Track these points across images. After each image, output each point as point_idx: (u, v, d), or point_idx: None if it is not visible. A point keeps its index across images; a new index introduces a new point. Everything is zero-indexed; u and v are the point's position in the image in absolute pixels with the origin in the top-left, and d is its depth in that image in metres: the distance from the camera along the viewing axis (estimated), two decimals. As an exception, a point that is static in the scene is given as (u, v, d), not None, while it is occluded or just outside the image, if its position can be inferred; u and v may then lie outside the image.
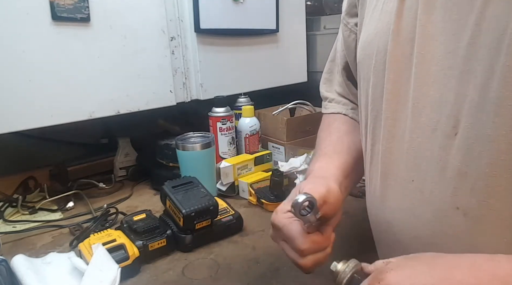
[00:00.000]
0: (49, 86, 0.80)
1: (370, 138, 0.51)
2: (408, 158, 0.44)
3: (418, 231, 0.44)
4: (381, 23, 0.47)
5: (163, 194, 0.73)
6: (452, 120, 0.39)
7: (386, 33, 0.45)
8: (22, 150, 1.02)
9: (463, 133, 0.38)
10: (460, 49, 0.38)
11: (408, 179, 0.44)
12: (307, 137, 1.12)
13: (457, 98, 0.38)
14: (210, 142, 0.88)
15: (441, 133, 0.40)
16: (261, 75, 1.18)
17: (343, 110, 0.66)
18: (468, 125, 0.37)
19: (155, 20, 0.93)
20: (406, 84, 0.43)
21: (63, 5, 0.77)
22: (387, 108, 0.46)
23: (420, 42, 0.42)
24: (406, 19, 0.43)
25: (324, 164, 0.57)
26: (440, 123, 0.40)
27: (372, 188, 0.52)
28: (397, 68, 0.44)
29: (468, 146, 0.38)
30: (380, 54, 0.46)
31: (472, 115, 0.37)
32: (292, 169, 0.94)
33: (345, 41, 0.61)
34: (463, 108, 0.38)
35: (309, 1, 1.36)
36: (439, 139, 0.40)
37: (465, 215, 0.39)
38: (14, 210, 0.88)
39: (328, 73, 0.71)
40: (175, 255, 0.69)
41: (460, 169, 0.39)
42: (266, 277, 0.61)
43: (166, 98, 0.98)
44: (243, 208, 0.86)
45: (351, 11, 0.59)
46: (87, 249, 0.62)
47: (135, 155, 1.09)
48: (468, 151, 0.38)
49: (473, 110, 0.37)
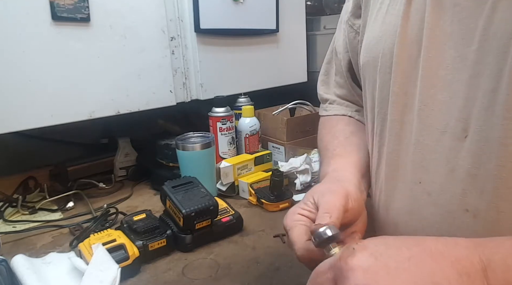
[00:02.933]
0: (49, 86, 0.80)
1: (377, 141, 0.51)
2: (415, 159, 0.44)
3: (425, 232, 0.43)
4: (386, 25, 0.47)
5: (163, 194, 0.73)
6: (462, 123, 0.39)
7: (392, 36, 0.45)
8: (22, 150, 1.02)
9: (473, 136, 0.38)
10: (469, 53, 0.38)
11: (415, 181, 0.44)
12: (307, 137, 1.12)
13: (466, 102, 0.38)
14: (210, 142, 0.88)
15: (450, 136, 0.40)
16: (261, 75, 1.18)
17: (348, 112, 0.65)
18: (478, 128, 0.38)
19: (155, 20, 0.93)
20: (412, 87, 0.43)
21: (63, 5, 0.77)
22: (394, 110, 0.46)
23: (427, 45, 0.41)
24: (413, 21, 0.43)
25: (339, 165, 0.55)
26: (449, 126, 0.40)
27: (378, 190, 0.52)
28: (403, 70, 0.44)
29: (478, 148, 0.38)
30: (386, 56, 0.46)
31: (481, 118, 0.37)
32: (292, 169, 0.94)
33: (350, 42, 0.60)
34: (472, 112, 0.38)
35: (309, 1, 1.36)
36: (448, 142, 0.40)
37: (475, 216, 0.39)
38: (14, 210, 0.88)
39: (325, 75, 0.70)
40: (175, 255, 0.69)
41: (469, 171, 0.39)
42: (266, 277, 0.61)
43: (166, 98, 0.98)
44: (243, 208, 0.86)
45: (357, 12, 0.58)
46: (87, 249, 0.62)
47: (135, 155, 1.09)
48: (478, 153, 0.38)
49: (483, 113, 0.37)
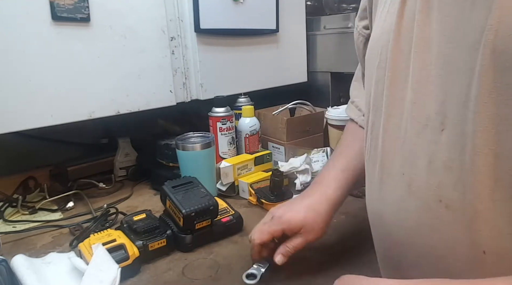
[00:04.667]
0: (49, 86, 0.80)
1: (370, 134, 0.54)
2: (402, 153, 0.47)
3: (404, 222, 0.46)
4: (386, 23, 0.49)
5: (163, 194, 0.73)
6: (440, 116, 0.41)
7: (389, 33, 0.48)
8: (22, 150, 1.02)
9: (450, 129, 0.40)
10: (448, 50, 0.40)
11: (400, 173, 0.47)
12: (307, 138, 1.12)
13: (445, 97, 0.41)
14: (210, 142, 0.88)
15: (431, 130, 0.42)
16: (261, 75, 1.18)
17: (356, 117, 0.71)
18: (454, 122, 0.40)
19: (155, 20, 0.93)
20: (404, 82, 0.46)
21: (63, 5, 0.77)
22: (386, 104, 0.49)
23: (416, 41, 0.44)
24: (406, 19, 0.46)
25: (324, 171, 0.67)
26: (430, 120, 0.43)
27: (369, 183, 0.55)
28: (396, 66, 0.47)
29: (453, 141, 0.40)
30: (383, 53, 0.49)
31: (458, 112, 0.39)
32: (292, 169, 0.94)
33: (355, 43, 0.64)
34: (450, 106, 0.40)
35: (309, 1, 1.36)
36: (428, 135, 0.43)
37: (447, 207, 0.41)
38: (14, 210, 0.88)
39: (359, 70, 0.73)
40: (175, 255, 0.69)
41: (445, 164, 0.41)
42: (266, 277, 0.61)
43: (166, 98, 0.98)
44: (243, 208, 0.86)
45: (361, 14, 0.61)
46: (87, 249, 0.62)
47: (135, 155, 1.09)
48: (453, 146, 0.40)
49: (459, 107, 0.39)
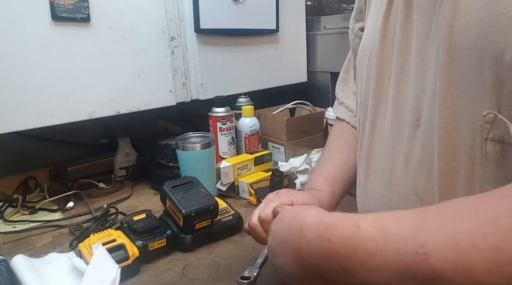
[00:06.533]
0: (49, 86, 0.80)
1: (360, 132, 0.55)
2: (385, 149, 0.48)
3: None
4: (374, 25, 0.51)
5: (163, 194, 0.73)
6: (416, 113, 0.43)
7: (377, 34, 0.49)
8: (22, 150, 1.02)
9: (424, 125, 0.42)
10: (424, 48, 0.42)
11: (383, 169, 0.49)
12: (307, 138, 1.12)
13: (421, 94, 0.43)
14: (210, 142, 0.88)
15: (409, 126, 0.44)
16: (261, 75, 1.18)
17: (347, 118, 0.70)
18: (427, 117, 0.42)
19: (155, 20, 0.93)
20: (387, 81, 0.48)
21: (63, 5, 0.77)
22: (372, 103, 0.50)
23: (399, 41, 0.46)
24: (391, 20, 0.47)
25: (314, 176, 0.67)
26: (409, 116, 0.44)
27: (358, 181, 0.56)
28: (381, 66, 0.48)
29: (426, 136, 0.42)
30: (372, 53, 0.50)
31: (429, 108, 0.41)
32: (292, 169, 0.94)
33: (351, 44, 0.64)
34: (424, 103, 0.42)
35: (309, 1, 1.36)
36: (407, 131, 0.45)
37: (421, 199, 0.43)
38: (14, 210, 0.88)
39: (345, 72, 0.74)
40: (175, 255, 0.69)
41: (420, 158, 0.43)
42: (266, 277, 0.61)
43: (166, 98, 0.98)
44: (243, 208, 0.86)
45: (357, 16, 0.62)
46: (87, 249, 0.62)
47: (135, 155, 1.09)
48: (426, 141, 0.42)
49: (430, 103, 0.41)
